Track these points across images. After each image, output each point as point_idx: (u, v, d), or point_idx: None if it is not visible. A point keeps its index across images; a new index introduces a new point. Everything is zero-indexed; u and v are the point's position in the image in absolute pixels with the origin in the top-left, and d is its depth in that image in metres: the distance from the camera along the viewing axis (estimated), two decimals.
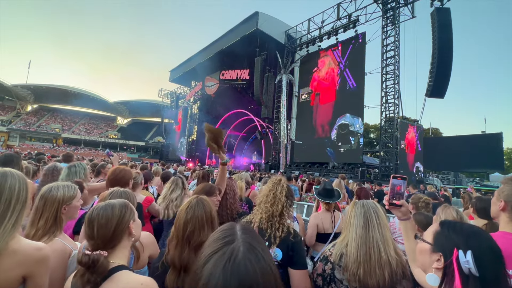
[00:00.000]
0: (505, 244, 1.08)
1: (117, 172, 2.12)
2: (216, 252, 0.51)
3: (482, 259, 0.69)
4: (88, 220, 1.00)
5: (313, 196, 5.34)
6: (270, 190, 1.61)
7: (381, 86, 13.44)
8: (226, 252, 0.50)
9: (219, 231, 0.59)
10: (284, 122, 18.46)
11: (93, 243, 0.97)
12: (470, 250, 0.70)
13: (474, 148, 15.43)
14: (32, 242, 1.05)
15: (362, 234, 1.32)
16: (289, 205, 1.60)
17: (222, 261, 0.48)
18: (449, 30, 11.37)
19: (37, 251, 1.02)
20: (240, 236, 0.55)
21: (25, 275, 0.97)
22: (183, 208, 1.32)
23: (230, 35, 21.31)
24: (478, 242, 0.72)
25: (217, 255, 0.50)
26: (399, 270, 1.27)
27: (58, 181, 1.66)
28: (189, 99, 31.83)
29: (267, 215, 1.52)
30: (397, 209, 1.22)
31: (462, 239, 0.74)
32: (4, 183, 0.96)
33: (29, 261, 0.98)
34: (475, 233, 0.75)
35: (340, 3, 15.34)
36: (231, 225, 0.60)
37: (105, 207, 1.04)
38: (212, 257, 0.50)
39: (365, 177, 12.61)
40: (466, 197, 3.51)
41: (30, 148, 35.71)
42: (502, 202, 1.20)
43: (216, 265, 0.48)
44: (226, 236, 0.55)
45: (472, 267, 0.68)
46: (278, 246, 1.43)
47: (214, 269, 0.47)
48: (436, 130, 39.73)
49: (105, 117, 56.26)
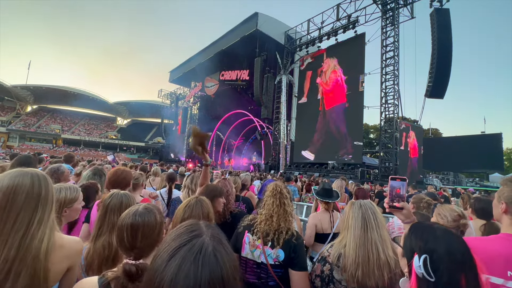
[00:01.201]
0: (508, 246, 1.09)
1: (118, 173, 2.08)
2: (184, 245, 0.50)
3: (438, 264, 0.68)
4: (132, 228, 0.95)
5: (312, 197, 5.34)
6: (279, 206, 1.56)
7: (381, 86, 13.47)
8: (196, 244, 0.49)
9: (183, 226, 0.57)
10: (284, 123, 18.48)
11: (137, 252, 0.94)
12: (425, 255, 0.69)
13: (474, 148, 15.43)
14: (71, 237, 1.11)
15: (360, 235, 1.31)
16: (292, 206, 1.62)
17: (193, 253, 0.47)
18: (449, 30, 11.40)
19: (77, 244, 1.09)
20: (206, 230, 0.55)
21: (69, 266, 1.04)
22: (181, 207, 1.32)
23: (230, 35, 21.36)
24: (436, 246, 0.71)
25: (185, 247, 0.49)
26: (398, 270, 1.26)
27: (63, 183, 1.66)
28: (189, 100, 31.88)
29: (276, 230, 1.51)
30: (398, 211, 1.19)
31: (420, 243, 0.74)
32: (47, 184, 0.97)
33: (73, 253, 1.05)
34: (435, 237, 0.74)
35: (340, 3, 15.38)
36: (195, 221, 0.60)
37: (146, 213, 1.00)
38: (179, 250, 0.49)
39: (365, 178, 12.62)
40: (465, 197, 3.51)
41: (29, 148, 35.66)
42: (504, 204, 1.17)
43: (185, 257, 0.47)
44: (193, 230, 0.55)
45: (423, 271, 0.68)
46: (282, 247, 1.44)
47: (183, 261, 0.46)
48: (435, 131, 39.76)
49: (105, 117, 56.25)
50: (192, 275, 0.44)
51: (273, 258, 1.43)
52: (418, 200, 2.54)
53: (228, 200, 2.11)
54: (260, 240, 1.48)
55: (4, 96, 45.26)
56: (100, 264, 1.22)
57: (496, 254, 1.06)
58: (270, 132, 20.94)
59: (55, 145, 44.24)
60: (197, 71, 26.27)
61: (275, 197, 1.59)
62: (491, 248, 1.10)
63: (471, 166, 16.36)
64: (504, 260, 1.04)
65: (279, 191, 1.61)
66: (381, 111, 13.47)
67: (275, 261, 1.43)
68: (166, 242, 0.53)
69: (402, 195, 1.18)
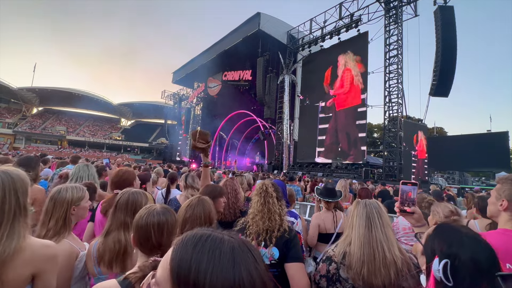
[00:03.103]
0: (507, 241, 1.12)
1: (120, 174, 2.07)
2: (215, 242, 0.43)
3: (459, 270, 0.66)
4: (158, 226, 0.98)
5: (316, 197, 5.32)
6: (263, 205, 1.54)
7: (384, 85, 13.36)
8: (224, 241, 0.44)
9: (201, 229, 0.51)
10: (287, 123, 18.45)
11: (163, 249, 0.94)
12: (447, 259, 0.67)
13: (480, 147, 15.21)
14: (40, 240, 1.03)
15: (365, 234, 1.32)
16: (282, 203, 1.59)
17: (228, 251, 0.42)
18: (453, 28, 11.27)
19: (45, 248, 1.00)
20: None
21: (33, 273, 0.95)
22: (183, 206, 1.34)
23: (232, 36, 21.39)
24: (460, 252, 0.68)
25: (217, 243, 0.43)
26: (405, 268, 1.26)
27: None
28: (192, 101, 32.01)
29: (266, 229, 1.50)
30: (409, 216, 1.20)
31: (443, 246, 0.72)
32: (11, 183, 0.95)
33: (37, 258, 0.96)
34: (461, 242, 0.70)
35: (342, 2, 15.29)
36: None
37: (166, 212, 1.04)
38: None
39: (369, 177, 12.54)
40: (469, 196, 3.48)
41: (35, 150, 36.13)
42: (505, 201, 1.19)
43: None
44: (212, 231, 0.49)
45: (442, 276, 0.66)
46: (275, 245, 1.43)
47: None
48: (440, 129, 39.36)
49: (109, 119, 56.78)
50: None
51: (268, 257, 1.43)
52: (419, 200, 2.53)
53: (237, 199, 2.14)
54: (254, 242, 1.47)
55: (11, 99, 45.95)
56: (111, 258, 1.25)
57: (494, 248, 1.08)
58: (273, 132, 20.91)
59: (60, 147, 44.77)
60: (199, 72, 26.37)
61: (260, 195, 1.57)
62: (489, 242, 1.11)
63: (477, 165, 16.13)
64: (502, 254, 1.07)
65: (265, 189, 1.58)
66: (385, 110, 13.37)
67: (271, 260, 1.42)
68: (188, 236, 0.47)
69: (413, 199, 1.18)
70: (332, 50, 16.90)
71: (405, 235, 2.19)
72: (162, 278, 0.42)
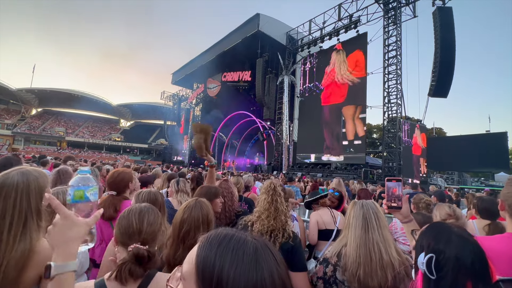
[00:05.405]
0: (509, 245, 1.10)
1: (114, 176, 2.00)
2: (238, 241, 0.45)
3: (443, 266, 0.68)
4: (139, 214, 1.03)
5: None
6: (270, 203, 1.55)
7: (383, 86, 13.39)
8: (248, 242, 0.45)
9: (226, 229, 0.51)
10: (286, 123, 18.45)
11: (143, 238, 0.99)
12: (431, 254, 0.70)
13: (479, 147, 15.24)
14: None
15: (361, 235, 1.31)
16: (288, 204, 1.61)
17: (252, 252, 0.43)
18: (452, 29, 11.32)
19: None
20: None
21: (42, 275, 0.95)
22: (181, 208, 1.33)
23: (232, 37, 21.41)
24: (446, 249, 0.70)
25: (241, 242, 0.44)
26: (402, 270, 1.26)
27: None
28: (191, 101, 31.98)
29: (271, 229, 1.49)
30: (397, 211, 1.21)
31: (431, 242, 0.74)
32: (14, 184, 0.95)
33: (48, 260, 0.99)
34: (449, 240, 0.73)
35: (341, 3, 15.34)
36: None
37: (147, 206, 1.09)
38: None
39: (368, 178, 12.54)
40: (469, 197, 3.48)
41: (34, 151, 36.06)
42: (500, 200, 1.20)
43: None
44: (236, 231, 0.49)
45: (425, 268, 0.70)
46: (279, 250, 1.42)
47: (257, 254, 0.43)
48: (439, 130, 39.39)
49: (108, 120, 56.70)
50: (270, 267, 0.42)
51: None
52: (417, 200, 2.54)
53: (233, 201, 2.12)
54: None
55: (10, 100, 45.88)
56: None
57: (500, 253, 1.07)
58: (273, 132, 20.91)
59: (60, 148, 44.68)
60: (199, 73, 26.37)
61: (268, 193, 1.58)
62: (496, 246, 1.10)
63: (476, 165, 16.15)
64: (508, 259, 1.06)
65: (273, 188, 1.59)
66: (384, 111, 13.38)
67: None
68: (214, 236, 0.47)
69: (399, 195, 1.20)
70: (329, 51, 16.93)
71: (403, 235, 2.18)
72: (188, 273, 0.44)
